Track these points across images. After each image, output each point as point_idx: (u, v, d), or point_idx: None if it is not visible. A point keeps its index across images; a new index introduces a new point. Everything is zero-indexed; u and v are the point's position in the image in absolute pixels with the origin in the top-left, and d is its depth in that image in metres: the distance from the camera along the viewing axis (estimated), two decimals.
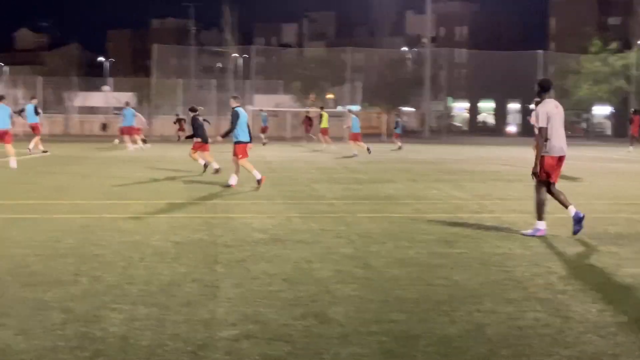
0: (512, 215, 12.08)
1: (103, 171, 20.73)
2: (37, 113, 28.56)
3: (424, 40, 68.81)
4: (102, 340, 5.26)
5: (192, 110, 20.34)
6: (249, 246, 8.96)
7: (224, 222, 11.04)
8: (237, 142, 16.15)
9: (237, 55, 70.17)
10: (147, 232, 9.94)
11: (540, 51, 64.73)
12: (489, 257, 8.50)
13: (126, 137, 32.82)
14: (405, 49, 79.81)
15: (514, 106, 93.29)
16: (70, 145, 36.17)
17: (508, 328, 5.70)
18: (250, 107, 36.68)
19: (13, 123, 21.97)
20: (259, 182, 15.80)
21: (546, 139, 9.77)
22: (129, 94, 59.42)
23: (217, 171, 18.83)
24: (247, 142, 16.21)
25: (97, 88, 64.15)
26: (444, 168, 23.92)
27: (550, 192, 10.02)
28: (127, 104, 34.59)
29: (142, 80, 64.02)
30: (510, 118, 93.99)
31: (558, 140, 9.87)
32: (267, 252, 8.61)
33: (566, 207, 10.00)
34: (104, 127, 40.05)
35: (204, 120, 20.70)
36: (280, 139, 50.08)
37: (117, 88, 64.23)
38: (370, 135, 45.18)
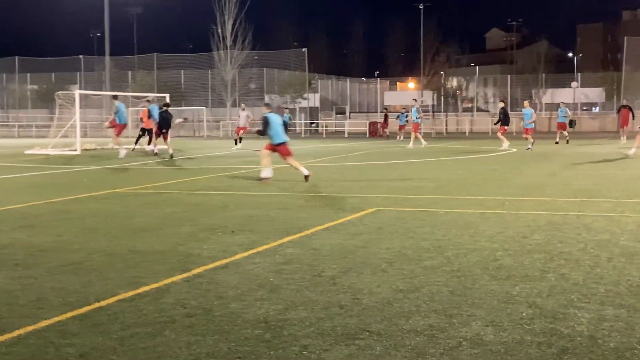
0: None
1: (571, 168, 20.59)
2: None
3: None
4: (568, 337, 5.25)
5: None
6: None
7: None
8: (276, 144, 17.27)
9: None
10: (616, 231, 9.64)
11: None
12: None
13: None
14: None
15: None
16: (538, 142, 36.51)
17: None
18: None
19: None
20: (306, 177, 16.72)
21: None
22: (598, 89, 58.10)
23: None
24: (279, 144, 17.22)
25: (565, 84, 63.77)
26: None
27: None
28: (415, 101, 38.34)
29: (611, 75, 62.06)
30: None
31: None
32: None
33: None
34: (571, 123, 39.57)
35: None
36: None
37: (585, 84, 63.24)
38: None
